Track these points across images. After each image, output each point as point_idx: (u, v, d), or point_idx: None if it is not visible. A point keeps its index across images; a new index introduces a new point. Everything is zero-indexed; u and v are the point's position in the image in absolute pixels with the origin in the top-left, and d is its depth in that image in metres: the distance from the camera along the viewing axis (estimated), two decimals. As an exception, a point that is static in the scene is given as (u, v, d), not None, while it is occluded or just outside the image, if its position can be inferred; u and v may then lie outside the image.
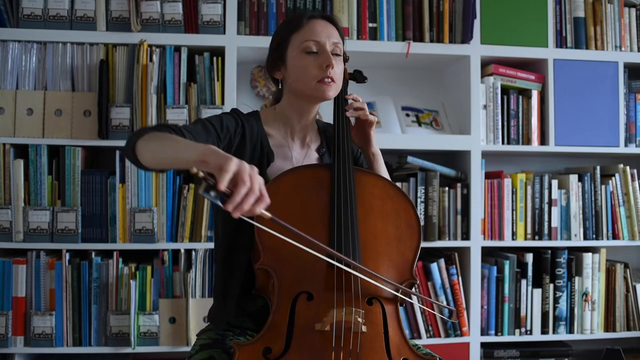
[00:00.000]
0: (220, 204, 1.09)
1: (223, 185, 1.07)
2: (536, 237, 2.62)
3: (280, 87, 1.62)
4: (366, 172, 1.54)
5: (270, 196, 1.35)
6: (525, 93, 2.68)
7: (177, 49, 2.40)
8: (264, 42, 2.34)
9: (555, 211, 2.63)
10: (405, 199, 1.48)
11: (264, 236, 1.31)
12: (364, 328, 1.27)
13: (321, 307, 1.29)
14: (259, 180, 1.12)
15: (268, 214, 1.15)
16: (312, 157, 1.61)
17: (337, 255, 1.29)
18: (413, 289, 1.44)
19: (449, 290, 2.52)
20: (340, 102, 1.60)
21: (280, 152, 1.57)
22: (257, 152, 1.54)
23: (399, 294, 1.36)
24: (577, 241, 2.64)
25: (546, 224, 2.62)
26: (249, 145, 1.53)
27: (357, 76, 1.72)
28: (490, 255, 2.70)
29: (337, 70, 1.52)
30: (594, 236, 2.66)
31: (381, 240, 1.42)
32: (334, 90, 1.52)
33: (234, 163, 1.09)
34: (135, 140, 1.30)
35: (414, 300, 2.49)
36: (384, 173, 1.63)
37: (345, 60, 1.63)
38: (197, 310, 2.32)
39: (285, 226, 1.20)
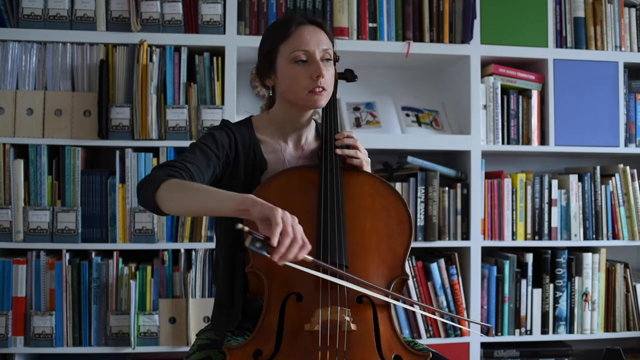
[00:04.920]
0: (265, 253, 1.15)
1: (275, 241, 1.13)
2: (536, 237, 2.62)
3: (272, 93, 1.62)
4: (355, 171, 1.54)
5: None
6: (525, 93, 2.68)
7: (177, 49, 2.40)
8: (264, 42, 2.34)
9: (555, 211, 2.63)
10: (396, 195, 1.48)
11: None
12: (352, 326, 1.27)
13: (310, 308, 1.29)
14: (299, 229, 1.18)
15: (310, 258, 1.21)
16: (308, 159, 1.60)
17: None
18: (405, 286, 1.44)
19: (449, 290, 2.52)
20: (330, 102, 1.59)
21: (274, 156, 1.57)
22: (250, 160, 1.54)
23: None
24: (577, 241, 2.63)
25: (546, 224, 2.62)
26: (243, 156, 1.54)
27: (348, 75, 1.72)
28: (490, 255, 2.69)
29: (328, 77, 1.51)
30: (594, 236, 2.66)
31: (371, 238, 1.42)
32: (325, 99, 1.52)
33: (278, 215, 1.15)
34: (154, 190, 1.30)
35: (414, 304, 2.48)
36: None
37: (336, 60, 1.63)
38: (197, 310, 2.32)
39: (315, 263, 1.26)
